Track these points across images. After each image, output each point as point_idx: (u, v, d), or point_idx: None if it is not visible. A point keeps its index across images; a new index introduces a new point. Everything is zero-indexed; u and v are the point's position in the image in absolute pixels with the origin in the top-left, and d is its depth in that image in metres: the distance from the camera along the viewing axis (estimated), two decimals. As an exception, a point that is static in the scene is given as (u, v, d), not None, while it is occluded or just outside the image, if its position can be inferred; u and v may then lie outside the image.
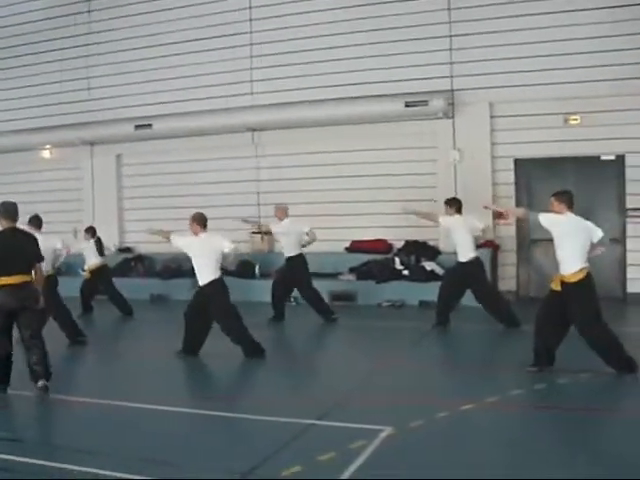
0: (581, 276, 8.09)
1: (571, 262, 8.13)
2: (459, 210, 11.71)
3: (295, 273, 12.74)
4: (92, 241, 13.98)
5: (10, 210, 8.45)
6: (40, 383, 7.85)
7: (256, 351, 9.67)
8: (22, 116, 18.36)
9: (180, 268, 16.12)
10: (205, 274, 9.79)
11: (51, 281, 10.87)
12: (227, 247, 9.83)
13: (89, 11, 18.00)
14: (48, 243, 10.95)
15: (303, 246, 12.80)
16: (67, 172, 18.37)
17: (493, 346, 10.98)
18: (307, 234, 12.77)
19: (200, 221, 9.94)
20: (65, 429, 6.92)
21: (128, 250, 17.54)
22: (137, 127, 16.81)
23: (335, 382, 8.53)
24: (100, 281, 13.97)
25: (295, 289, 13.18)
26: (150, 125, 16.69)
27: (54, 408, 7.70)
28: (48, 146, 18.48)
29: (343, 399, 7.57)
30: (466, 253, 11.48)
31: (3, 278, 7.94)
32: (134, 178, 17.87)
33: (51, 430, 6.92)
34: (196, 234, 9.96)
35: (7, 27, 18.84)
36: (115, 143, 17.63)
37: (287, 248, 12.78)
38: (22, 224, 9.22)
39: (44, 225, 11.35)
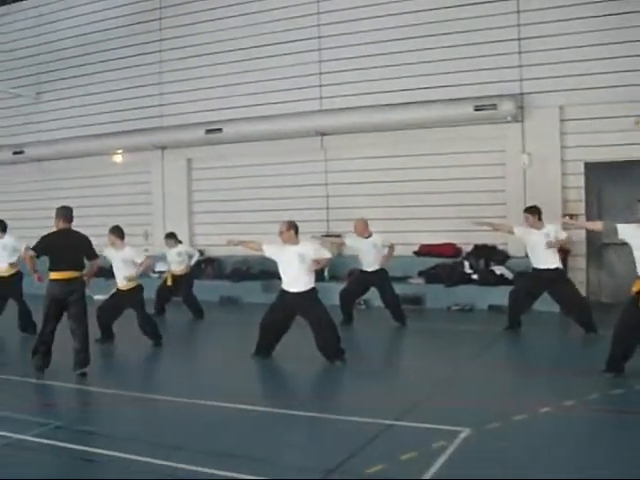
0: None
1: None
2: (540, 218, 11.38)
3: (381, 285, 12.73)
4: (180, 247, 14.25)
5: (67, 214, 9.46)
6: (78, 370, 8.97)
7: (338, 354, 9.71)
8: (97, 121, 18.90)
9: (250, 270, 16.41)
10: (297, 283, 9.67)
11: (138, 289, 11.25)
12: (324, 255, 9.86)
13: (160, 18, 18.41)
14: (129, 256, 11.25)
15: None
16: (138, 176, 18.80)
17: (566, 350, 10.87)
18: (389, 247, 12.65)
19: (293, 230, 9.80)
20: (152, 426, 7.13)
21: (199, 253, 17.76)
22: (207, 131, 17.13)
23: (410, 384, 8.64)
24: (181, 286, 14.13)
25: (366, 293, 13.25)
26: (220, 129, 16.98)
27: (138, 406, 7.94)
28: (120, 150, 18.92)
29: (420, 401, 7.65)
30: (548, 262, 11.15)
31: (54, 273, 9.06)
32: (204, 182, 18.18)
33: (138, 426, 7.09)
34: (286, 242, 9.83)
35: (84, 35, 19.39)
36: (186, 147, 17.98)
37: (368, 263, 12.62)
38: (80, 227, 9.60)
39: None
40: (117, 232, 11.38)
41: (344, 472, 5.59)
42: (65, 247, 9.11)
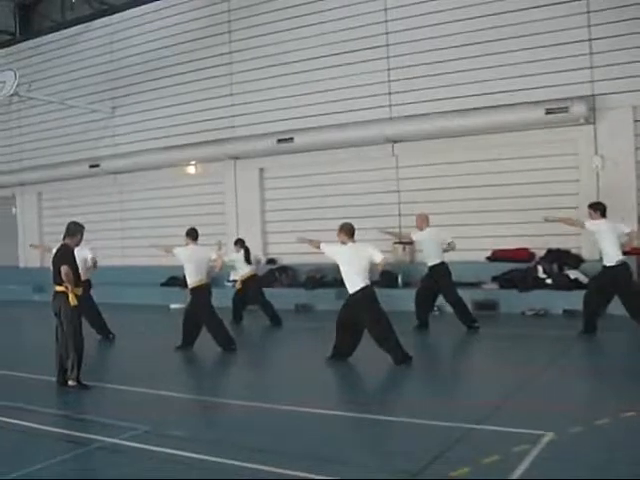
0: None
1: None
2: (604, 214, 11.49)
3: (439, 280, 12.85)
4: (242, 252, 14.47)
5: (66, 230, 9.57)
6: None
7: (405, 358, 9.84)
8: (170, 134, 19.34)
9: (324, 278, 16.57)
10: (354, 282, 10.00)
11: (206, 290, 11.54)
12: (378, 257, 10.04)
13: (229, 32, 18.73)
14: (204, 254, 11.69)
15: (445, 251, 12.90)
16: (211, 186, 19.19)
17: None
18: (449, 244, 12.86)
19: (348, 231, 10.16)
20: (235, 430, 7.26)
21: (272, 261, 18.06)
22: (279, 141, 17.42)
23: (487, 388, 8.65)
24: (251, 290, 14.44)
25: (440, 297, 13.28)
26: (292, 139, 17.26)
27: (217, 411, 8.21)
28: (193, 161, 19.29)
29: (499, 405, 7.68)
30: (613, 257, 11.26)
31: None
32: (277, 191, 18.44)
33: (221, 430, 7.28)
34: (344, 243, 10.18)
35: (155, 50, 19.86)
36: (258, 157, 18.27)
37: (429, 256, 12.91)
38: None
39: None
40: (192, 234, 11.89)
41: (430, 475, 5.68)
42: (52, 263, 9.37)
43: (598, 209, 11.56)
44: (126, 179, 20.69)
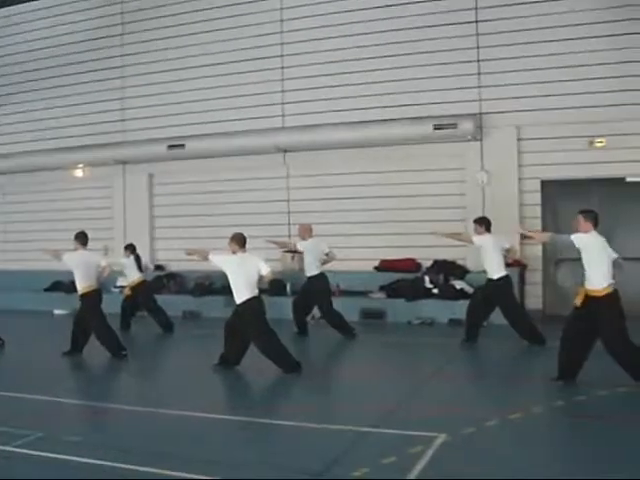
0: (609, 291, 8.47)
1: (600, 278, 8.48)
2: (488, 228, 11.96)
3: (316, 292, 13.05)
4: (132, 257, 14.33)
5: None
6: None
7: (294, 367, 9.91)
8: (58, 135, 18.85)
9: (212, 285, 16.53)
10: (241, 293, 10.00)
11: (96, 296, 11.37)
12: (264, 270, 10.08)
13: (122, 34, 18.50)
14: (93, 259, 11.53)
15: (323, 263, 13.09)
16: (99, 191, 18.80)
17: (525, 361, 11.23)
18: (327, 254, 13.04)
19: (239, 241, 10.15)
20: (127, 434, 7.24)
21: (160, 268, 17.88)
22: (170, 147, 17.22)
23: (380, 394, 8.82)
24: (140, 296, 14.29)
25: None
26: (183, 145, 17.10)
27: (110, 416, 8.13)
28: (81, 165, 18.91)
29: (392, 409, 7.90)
30: (496, 271, 11.73)
31: None
32: (166, 197, 18.24)
33: (113, 435, 7.20)
34: (234, 253, 10.18)
35: (44, 49, 19.38)
36: (147, 162, 18.02)
37: (308, 267, 13.05)
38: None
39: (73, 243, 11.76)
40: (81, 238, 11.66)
41: (331, 475, 5.81)
42: None
43: (483, 224, 12.02)
44: (10, 180, 20.02)
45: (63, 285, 17.19)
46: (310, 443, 6.77)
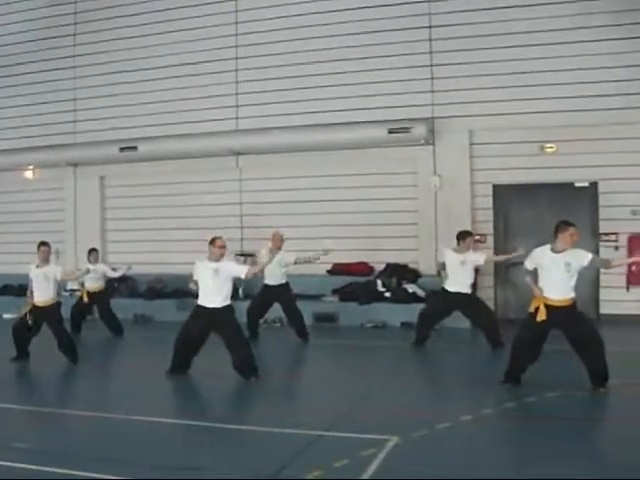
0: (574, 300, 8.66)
1: (569, 288, 8.62)
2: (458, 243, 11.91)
3: (283, 299, 13.04)
4: (101, 265, 14.23)
5: None
6: None
7: (252, 371, 9.84)
8: (8, 136, 18.56)
9: (164, 289, 16.43)
10: (212, 299, 9.82)
11: (56, 307, 11.23)
12: (242, 273, 9.90)
13: (75, 34, 18.29)
14: (52, 269, 11.21)
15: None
16: (50, 193, 18.48)
17: (476, 364, 11.27)
18: (295, 263, 12.99)
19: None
20: (80, 440, 7.15)
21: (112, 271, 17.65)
22: (122, 149, 17.01)
23: (333, 397, 8.84)
24: (98, 303, 14.16)
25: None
26: (135, 147, 16.90)
27: (61, 421, 8.01)
28: (31, 166, 18.63)
29: (345, 412, 7.91)
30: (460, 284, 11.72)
31: None
32: (118, 200, 18.04)
33: (65, 440, 7.11)
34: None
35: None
36: (99, 165, 17.80)
37: (273, 276, 12.88)
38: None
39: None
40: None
41: (285, 477, 5.80)
42: None
43: (458, 238, 11.93)
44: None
45: (13, 289, 16.94)
46: (263, 447, 6.76)
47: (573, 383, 8.74)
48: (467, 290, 11.72)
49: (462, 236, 11.83)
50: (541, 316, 8.58)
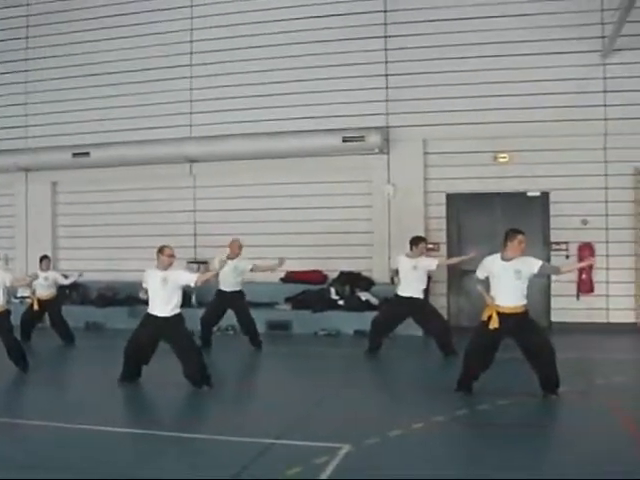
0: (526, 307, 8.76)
1: (521, 296, 8.70)
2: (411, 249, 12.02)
3: (237, 306, 12.97)
4: (52, 272, 14.05)
5: None
6: None
7: (205, 380, 9.78)
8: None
9: (116, 296, 16.27)
10: (164, 306, 9.73)
11: (6, 314, 10.98)
12: (192, 280, 9.84)
13: (27, 37, 18.06)
14: (1, 280, 10.97)
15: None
16: (0, 198, 18.23)
17: (429, 372, 11.32)
18: (251, 270, 12.96)
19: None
20: (43, 449, 7.03)
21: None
22: (74, 155, 16.82)
23: (284, 405, 8.78)
24: (49, 310, 13.94)
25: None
26: (88, 153, 16.72)
27: (15, 431, 7.83)
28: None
29: (297, 420, 7.90)
30: (412, 289, 11.81)
31: None
32: (70, 206, 17.83)
33: (9, 450, 7.00)
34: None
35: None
36: (51, 170, 17.57)
37: (228, 283, 12.83)
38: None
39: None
40: None
41: (236, 486, 5.78)
42: None
43: (411, 243, 12.05)
44: None
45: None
46: (215, 456, 6.71)
47: (524, 391, 8.83)
48: (419, 295, 11.82)
49: (415, 241, 11.95)
50: (493, 324, 8.64)
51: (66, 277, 14.47)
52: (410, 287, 11.76)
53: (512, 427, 7.61)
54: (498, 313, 8.66)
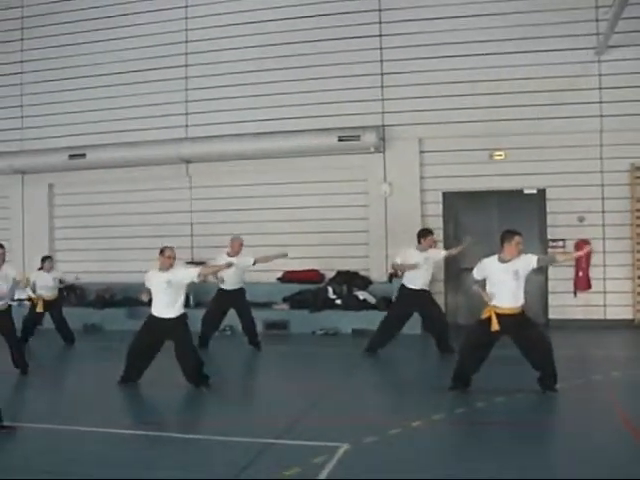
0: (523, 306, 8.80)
1: (520, 296, 8.73)
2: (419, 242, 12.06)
3: (239, 304, 12.94)
4: (56, 272, 14.07)
5: None
6: None
7: (202, 380, 9.80)
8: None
9: (114, 298, 16.26)
10: (165, 311, 9.74)
11: (9, 313, 10.97)
12: (194, 276, 9.86)
13: (22, 39, 18.04)
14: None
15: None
16: (-4, 200, 18.23)
17: (427, 370, 11.37)
18: (253, 264, 12.88)
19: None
20: (27, 453, 7.01)
21: (60, 280, 17.41)
22: (71, 157, 16.81)
23: (284, 405, 8.81)
24: (54, 311, 13.93)
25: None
26: (84, 155, 16.72)
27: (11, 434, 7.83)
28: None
29: (295, 420, 7.88)
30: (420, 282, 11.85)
31: None
32: (66, 208, 17.80)
33: (7, 453, 7.00)
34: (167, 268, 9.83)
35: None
36: (48, 172, 17.53)
37: (231, 281, 12.74)
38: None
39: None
40: None
41: (234, 487, 5.78)
42: None
43: (418, 236, 12.12)
44: None
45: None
46: (214, 456, 6.71)
47: (522, 388, 8.85)
48: (428, 287, 11.96)
49: (423, 234, 12.03)
50: (494, 327, 8.66)
51: (61, 281, 14.42)
52: (421, 279, 11.81)
53: (511, 425, 7.63)
54: (497, 314, 8.68)
